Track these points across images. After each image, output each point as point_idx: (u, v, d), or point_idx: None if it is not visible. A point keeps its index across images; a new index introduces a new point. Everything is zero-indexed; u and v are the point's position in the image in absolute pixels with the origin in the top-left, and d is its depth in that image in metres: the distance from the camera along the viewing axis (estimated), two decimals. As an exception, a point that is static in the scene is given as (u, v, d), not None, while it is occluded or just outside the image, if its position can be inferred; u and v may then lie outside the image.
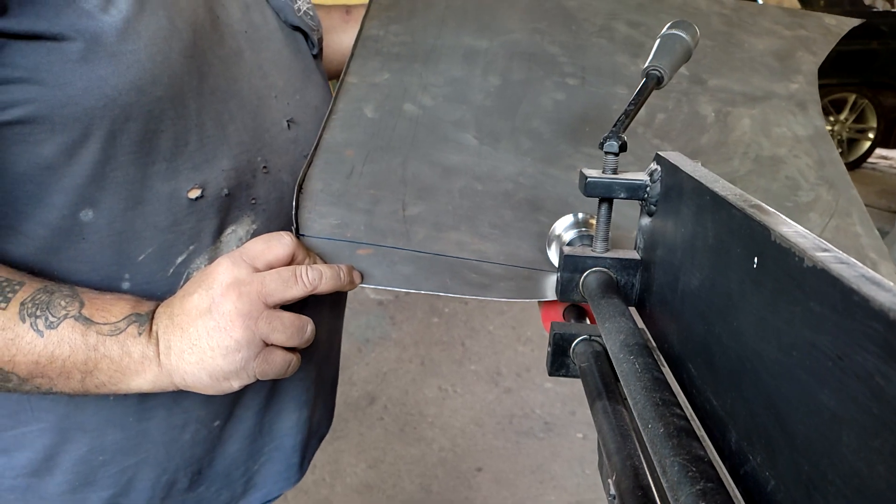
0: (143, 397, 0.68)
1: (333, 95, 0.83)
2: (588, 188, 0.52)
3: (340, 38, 0.98)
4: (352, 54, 0.89)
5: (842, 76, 5.47)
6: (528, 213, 0.73)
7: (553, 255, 0.67)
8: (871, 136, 6.02)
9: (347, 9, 1.01)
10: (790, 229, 0.30)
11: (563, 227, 0.66)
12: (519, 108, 0.87)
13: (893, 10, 5.89)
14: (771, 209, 0.34)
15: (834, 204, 0.82)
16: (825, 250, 0.27)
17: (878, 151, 6.55)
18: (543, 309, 0.70)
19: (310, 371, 0.84)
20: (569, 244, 0.64)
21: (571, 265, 0.55)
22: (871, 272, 0.24)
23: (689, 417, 0.35)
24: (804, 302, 0.27)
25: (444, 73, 0.89)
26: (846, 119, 5.93)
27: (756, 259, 0.32)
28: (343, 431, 2.43)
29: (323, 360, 0.87)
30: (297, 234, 0.66)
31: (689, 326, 0.42)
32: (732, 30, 1.03)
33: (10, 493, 0.69)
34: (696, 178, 0.42)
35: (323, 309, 0.83)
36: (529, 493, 2.19)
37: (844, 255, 0.26)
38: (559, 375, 0.53)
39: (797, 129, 0.91)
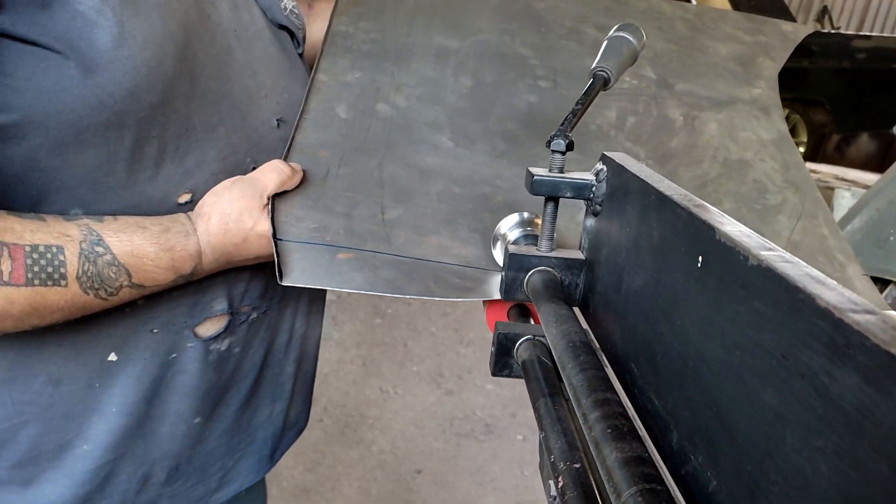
0: (126, 389, 0.69)
1: (305, 94, 0.81)
2: (534, 186, 0.52)
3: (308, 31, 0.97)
4: (321, 51, 0.87)
5: (775, 92, 5.70)
6: (506, 216, 0.73)
7: (498, 255, 0.67)
8: (801, 150, 6.29)
9: (310, 2, 1.00)
10: (735, 228, 0.30)
11: (509, 226, 0.65)
12: (493, 110, 0.87)
13: (823, 30, 6.17)
14: (715, 209, 0.34)
15: (801, 206, 0.85)
16: (769, 249, 0.27)
17: (808, 165, 6.84)
18: (488, 309, 0.70)
19: (288, 366, 0.84)
20: (514, 243, 0.64)
21: (516, 264, 0.55)
22: (815, 271, 0.24)
23: (632, 417, 0.34)
24: (749, 301, 0.27)
25: (417, 73, 0.89)
26: (778, 133, 6.17)
27: (700, 258, 0.32)
28: (281, 433, 2.38)
29: (302, 356, 0.87)
30: (275, 238, 0.65)
31: (633, 326, 0.41)
32: (696, 34, 1.05)
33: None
34: (642, 177, 0.41)
35: (301, 305, 0.83)
36: (469, 495, 2.19)
37: (788, 254, 0.26)
38: (502, 376, 0.52)
39: (762, 134, 0.94)
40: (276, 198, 0.68)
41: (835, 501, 0.21)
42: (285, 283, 0.62)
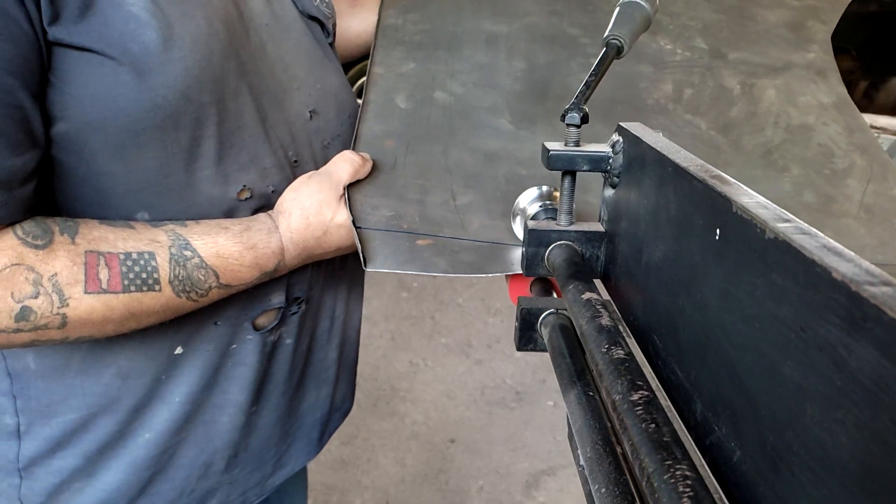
0: (190, 379, 0.71)
1: (364, 86, 0.83)
2: (551, 161, 0.52)
3: (348, 24, 0.98)
4: (374, 44, 0.89)
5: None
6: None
7: (518, 229, 0.67)
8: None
9: None
10: (751, 200, 0.30)
11: (528, 200, 0.65)
12: (549, 91, 0.87)
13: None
14: (732, 179, 0.33)
15: (869, 169, 0.84)
16: (786, 221, 0.27)
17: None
18: (511, 282, 0.70)
19: (331, 352, 0.86)
20: (533, 218, 0.64)
21: (536, 239, 0.55)
22: (832, 242, 0.24)
23: (655, 389, 0.35)
24: (766, 273, 0.27)
25: (469, 60, 0.90)
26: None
27: (718, 231, 0.32)
28: (315, 409, 2.43)
29: (344, 341, 0.89)
30: (356, 226, 0.67)
31: (654, 298, 0.42)
32: (744, 3, 1.05)
33: (55, 475, 0.71)
34: (658, 148, 0.41)
35: (341, 291, 0.85)
36: (502, 462, 2.22)
37: (806, 225, 0.26)
38: (527, 350, 0.53)
39: (821, 97, 0.93)
40: (351, 188, 0.70)
41: (855, 473, 0.21)
42: (370, 268, 0.65)
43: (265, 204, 0.70)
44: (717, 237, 0.32)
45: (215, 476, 0.78)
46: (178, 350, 0.69)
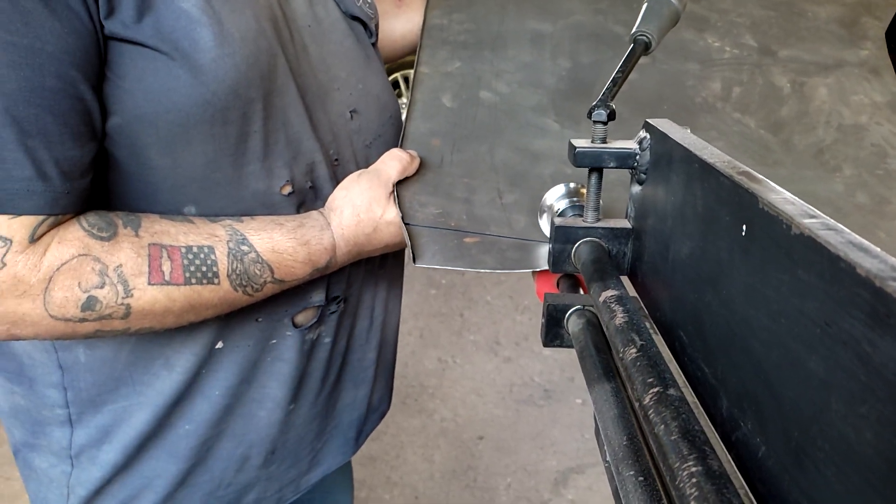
0: (229, 374, 0.73)
1: (410, 86, 0.84)
2: (577, 158, 0.52)
3: (392, 25, 0.99)
4: (420, 45, 0.90)
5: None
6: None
7: (544, 226, 0.67)
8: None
9: None
10: (778, 196, 0.30)
11: (555, 197, 0.65)
12: (594, 90, 0.87)
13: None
14: (759, 176, 0.33)
15: None
16: (812, 216, 0.27)
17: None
18: (538, 279, 0.70)
19: (369, 353, 0.87)
20: (560, 214, 0.64)
21: (563, 236, 0.55)
22: (858, 238, 0.24)
23: (682, 385, 0.35)
24: (792, 269, 0.27)
25: (514, 59, 0.90)
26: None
27: (744, 227, 0.32)
28: (345, 405, 2.45)
29: (383, 342, 0.90)
30: (405, 223, 0.68)
31: (681, 294, 0.42)
32: None
33: (100, 466, 0.73)
34: (685, 145, 0.41)
35: (380, 291, 0.86)
36: (530, 459, 2.22)
37: (832, 221, 0.26)
38: (553, 346, 0.53)
39: (875, 96, 0.91)
40: (399, 185, 0.71)
41: (879, 468, 0.21)
42: (419, 264, 0.66)
43: (304, 200, 0.71)
44: (743, 233, 0.32)
45: (253, 470, 0.79)
46: (219, 345, 0.71)
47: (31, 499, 0.79)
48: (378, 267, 0.84)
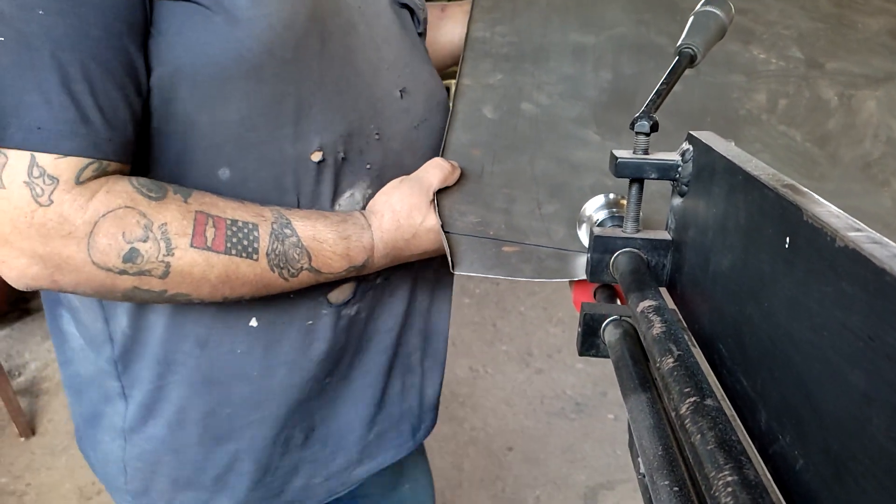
0: (267, 353, 0.74)
1: (451, 98, 0.85)
2: (618, 169, 0.52)
3: (435, 35, 1.01)
4: (462, 57, 0.91)
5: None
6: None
7: (583, 236, 0.67)
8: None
9: (442, 6, 1.04)
10: (822, 209, 0.30)
11: (594, 207, 0.66)
12: (635, 102, 0.87)
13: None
14: (804, 189, 0.33)
15: None
16: (858, 230, 0.27)
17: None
18: (575, 289, 0.70)
19: (412, 337, 0.88)
20: (599, 225, 0.64)
21: (602, 246, 0.55)
22: (904, 252, 0.24)
23: (720, 398, 0.35)
24: (836, 282, 0.27)
25: (556, 71, 0.91)
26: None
27: (788, 239, 0.32)
28: (375, 410, 2.46)
29: (429, 330, 0.91)
30: (444, 231, 0.69)
31: (720, 307, 0.41)
32: (843, 11, 1.01)
33: (148, 442, 0.76)
34: (729, 157, 0.41)
35: (425, 280, 0.87)
36: (560, 473, 2.20)
37: (877, 234, 0.26)
38: (589, 355, 0.53)
39: None
40: (439, 194, 0.72)
41: (921, 482, 0.21)
42: (457, 271, 0.67)
43: (337, 171, 0.71)
44: (786, 246, 0.32)
45: (296, 452, 0.80)
46: (253, 322, 0.72)
47: (97, 474, 0.83)
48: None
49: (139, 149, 0.63)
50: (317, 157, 0.69)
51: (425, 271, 0.86)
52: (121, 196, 0.57)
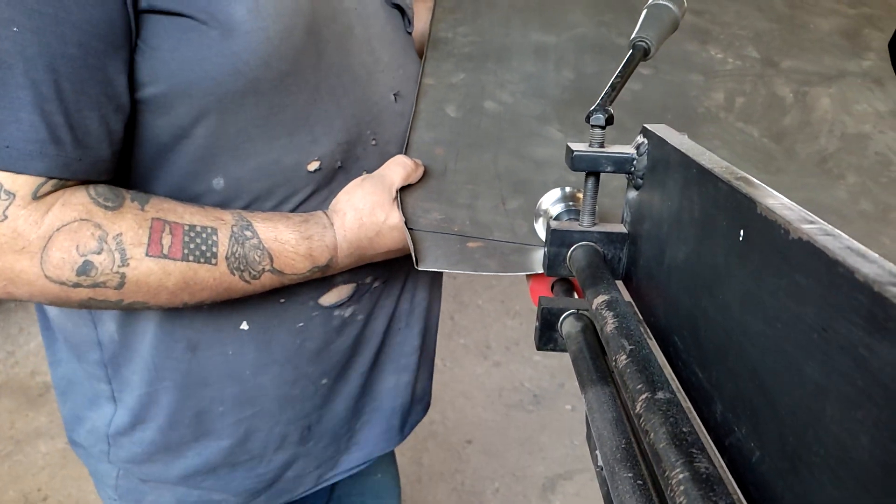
0: (259, 354, 0.74)
1: (415, 97, 0.84)
2: (574, 162, 0.52)
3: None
4: (425, 57, 0.90)
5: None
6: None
7: (540, 230, 0.67)
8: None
9: None
10: (776, 201, 0.30)
11: (551, 201, 0.66)
12: (597, 100, 0.88)
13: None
14: (757, 182, 0.33)
15: None
16: (811, 222, 0.27)
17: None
18: (532, 283, 0.70)
19: (412, 338, 0.88)
20: (556, 218, 0.64)
21: (558, 239, 0.55)
22: (856, 244, 0.24)
23: (676, 390, 0.35)
24: (789, 274, 0.27)
25: (518, 70, 0.91)
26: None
27: (742, 232, 0.32)
28: (333, 407, 2.44)
29: (427, 330, 0.91)
30: (408, 227, 0.69)
31: (676, 300, 0.42)
32: (795, 12, 1.04)
33: (138, 445, 0.76)
34: (683, 150, 0.41)
35: (422, 277, 0.87)
36: (518, 465, 2.22)
37: (830, 226, 0.26)
38: (547, 349, 0.53)
39: (878, 105, 0.92)
40: (403, 191, 0.72)
41: (875, 473, 0.21)
42: (421, 267, 0.66)
43: (332, 179, 0.71)
44: (740, 238, 0.32)
45: (291, 447, 0.81)
46: (244, 325, 0.72)
47: (91, 474, 0.83)
48: None
49: (128, 157, 0.62)
50: (313, 166, 0.69)
51: (424, 271, 0.86)
52: (76, 209, 0.56)
